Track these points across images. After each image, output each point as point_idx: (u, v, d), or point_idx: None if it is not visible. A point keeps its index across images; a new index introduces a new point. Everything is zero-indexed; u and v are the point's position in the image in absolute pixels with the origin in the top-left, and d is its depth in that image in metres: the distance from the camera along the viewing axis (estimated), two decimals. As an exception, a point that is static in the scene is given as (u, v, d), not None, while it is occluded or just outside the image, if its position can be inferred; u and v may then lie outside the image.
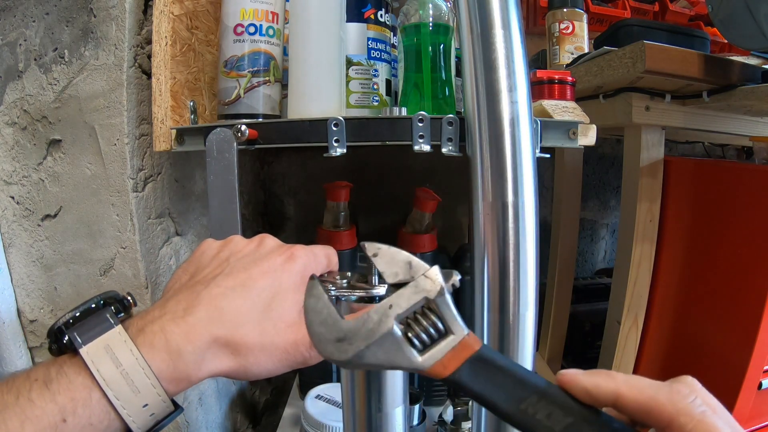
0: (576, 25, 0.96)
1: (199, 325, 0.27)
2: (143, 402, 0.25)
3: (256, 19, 0.53)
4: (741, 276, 0.70)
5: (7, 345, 0.62)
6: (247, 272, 0.30)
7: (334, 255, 0.35)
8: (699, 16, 1.22)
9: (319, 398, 0.69)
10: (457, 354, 0.24)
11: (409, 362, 0.25)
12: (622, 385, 0.22)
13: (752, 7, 0.62)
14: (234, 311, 0.28)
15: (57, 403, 0.23)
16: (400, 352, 0.25)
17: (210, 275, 0.30)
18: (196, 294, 0.29)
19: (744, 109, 0.79)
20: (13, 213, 0.62)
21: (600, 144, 0.45)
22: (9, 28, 0.59)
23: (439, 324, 0.25)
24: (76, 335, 0.26)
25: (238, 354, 0.28)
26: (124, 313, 0.29)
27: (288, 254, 0.31)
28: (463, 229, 1.09)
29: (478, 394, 0.24)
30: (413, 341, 0.25)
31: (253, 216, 1.00)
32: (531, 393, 0.23)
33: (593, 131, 0.50)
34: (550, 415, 0.22)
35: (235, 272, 0.30)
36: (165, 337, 0.26)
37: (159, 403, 0.26)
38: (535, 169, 0.41)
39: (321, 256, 0.34)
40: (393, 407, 0.38)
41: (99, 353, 0.25)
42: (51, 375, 0.24)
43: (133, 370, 0.25)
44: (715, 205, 0.77)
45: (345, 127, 0.46)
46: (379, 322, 0.25)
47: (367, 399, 0.38)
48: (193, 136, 0.53)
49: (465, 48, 0.42)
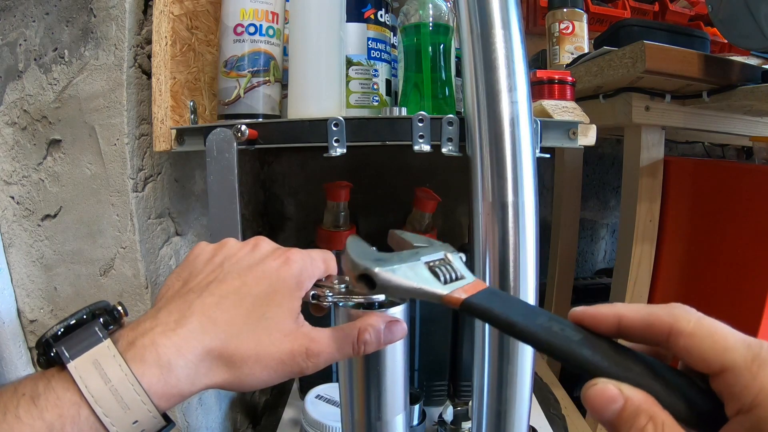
0: (576, 25, 0.96)
1: (191, 337, 0.26)
2: (133, 419, 0.24)
3: (256, 19, 0.53)
4: (741, 276, 0.70)
5: (6, 345, 0.62)
6: (240, 279, 0.29)
7: (332, 259, 0.34)
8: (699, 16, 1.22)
9: (319, 398, 0.69)
10: (472, 287, 0.27)
11: (434, 285, 0.27)
12: (622, 308, 0.23)
13: (752, 7, 0.62)
14: (227, 321, 0.27)
15: (45, 420, 0.23)
16: (426, 277, 0.28)
17: (203, 282, 0.29)
18: (188, 304, 0.28)
19: (744, 109, 0.79)
20: (13, 213, 0.62)
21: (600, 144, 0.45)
22: (9, 28, 0.59)
23: (454, 273, 0.29)
24: (64, 349, 0.25)
25: (233, 366, 0.27)
26: (114, 324, 0.28)
27: (283, 258, 0.30)
28: (463, 229, 1.09)
29: (495, 313, 0.25)
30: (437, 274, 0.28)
31: (253, 216, 1.00)
32: (542, 314, 0.25)
33: (593, 131, 0.50)
34: (563, 330, 0.23)
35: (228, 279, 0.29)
36: (156, 350, 0.25)
37: (150, 420, 0.25)
38: (535, 169, 0.41)
39: (318, 260, 0.32)
40: (393, 415, 0.37)
41: (87, 368, 0.24)
42: (39, 390, 0.24)
43: (123, 386, 0.24)
44: (715, 205, 0.77)
45: (345, 127, 0.46)
46: (411, 254, 0.29)
47: (366, 406, 0.37)
48: (193, 136, 0.53)
49: (465, 48, 0.42)
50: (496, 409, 0.43)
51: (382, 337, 0.31)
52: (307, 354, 0.29)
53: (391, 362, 0.36)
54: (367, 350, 0.31)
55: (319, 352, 0.29)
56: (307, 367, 0.29)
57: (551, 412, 0.82)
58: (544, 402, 0.85)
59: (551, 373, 1.11)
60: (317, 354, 0.29)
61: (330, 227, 0.76)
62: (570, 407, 0.96)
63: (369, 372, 0.36)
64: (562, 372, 1.17)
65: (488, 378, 0.43)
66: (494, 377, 0.43)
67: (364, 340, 0.31)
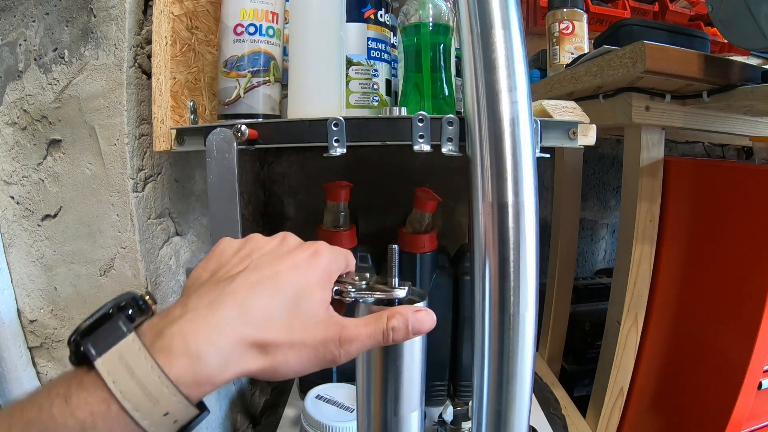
0: (576, 25, 0.96)
1: (222, 324, 0.26)
2: (163, 411, 0.24)
3: (256, 19, 0.53)
4: (741, 276, 0.70)
5: (6, 345, 0.62)
6: (272, 267, 0.29)
7: (351, 256, 0.35)
8: (699, 16, 1.22)
9: (319, 398, 0.69)
10: None
11: None
12: None
13: (752, 7, 0.62)
14: (261, 308, 0.27)
15: (77, 418, 0.23)
16: None
17: (233, 271, 0.29)
18: (220, 290, 0.27)
19: (744, 109, 0.79)
20: (13, 213, 0.62)
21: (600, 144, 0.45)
22: (9, 28, 0.59)
23: None
24: (90, 347, 0.25)
25: (267, 354, 0.27)
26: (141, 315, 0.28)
27: (313, 250, 0.31)
28: (463, 229, 1.09)
29: None
30: None
31: (253, 216, 1.00)
32: None
33: (593, 131, 0.50)
34: None
35: (260, 267, 0.29)
36: (184, 340, 0.25)
37: (181, 410, 0.25)
38: (535, 169, 0.41)
39: (342, 255, 0.33)
40: (409, 411, 0.38)
41: (114, 364, 0.24)
42: (71, 389, 0.24)
43: (149, 380, 0.24)
44: (715, 205, 0.77)
45: (345, 127, 0.46)
46: None
47: (383, 402, 0.37)
48: (193, 136, 0.53)
49: (465, 48, 0.42)
50: (496, 409, 0.43)
51: (410, 325, 0.31)
52: (341, 341, 0.29)
53: (409, 358, 0.36)
54: (395, 338, 0.31)
55: (351, 339, 0.29)
56: (340, 354, 0.29)
57: (551, 412, 0.82)
58: (544, 402, 0.85)
59: (551, 373, 1.11)
60: (350, 341, 0.29)
61: (330, 227, 0.76)
62: (570, 407, 0.96)
63: (387, 367, 0.36)
64: (562, 372, 1.17)
65: (488, 378, 0.43)
66: (494, 377, 0.43)
67: (392, 326, 0.31)
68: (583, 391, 1.10)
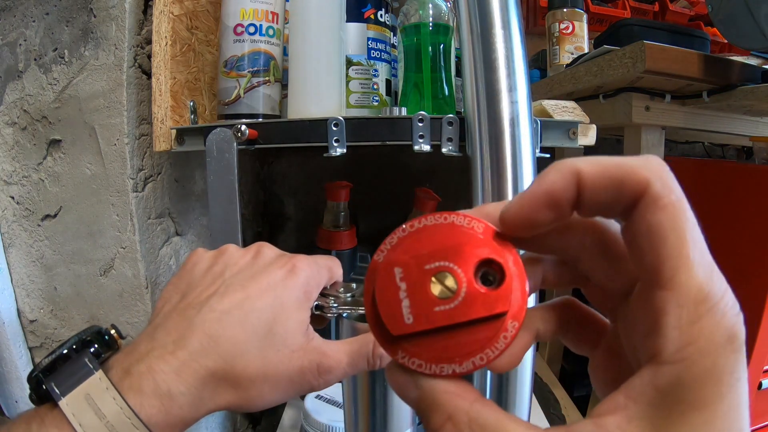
0: (576, 25, 0.97)
1: (191, 360, 0.24)
2: None
3: (256, 19, 0.53)
4: (741, 276, 0.70)
5: (6, 345, 0.62)
6: (244, 291, 0.27)
7: (337, 266, 0.32)
8: (699, 16, 1.22)
9: (319, 398, 0.69)
10: None
11: None
12: (578, 163, 0.15)
13: (752, 7, 0.62)
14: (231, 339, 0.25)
15: None
16: None
17: (203, 295, 0.27)
18: (188, 321, 0.25)
19: (744, 109, 0.79)
20: (13, 213, 0.62)
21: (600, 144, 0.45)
22: (9, 28, 0.59)
23: None
24: (54, 386, 0.23)
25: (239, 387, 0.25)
26: (108, 350, 0.26)
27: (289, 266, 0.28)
28: (463, 229, 1.08)
29: None
30: None
31: (253, 216, 1.00)
32: None
33: (593, 131, 0.50)
34: None
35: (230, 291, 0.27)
36: (153, 378, 0.23)
37: None
38: (535, 169, 0.41)
39: (324, 267, 0.30)
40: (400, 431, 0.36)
41: (80, 404, 0.22)
42: (31, 430, 0.22)
43: (119, 421, 0.22)
44: (715, 205, 0.77)
45: (345, 127, 0.46)
46: None
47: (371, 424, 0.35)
48: (193, 136, 0.53)
49: (465, 48, 0.42)
50: (496, 409, 0.43)
51: None
52: (319, 371, 0.27)
53: None
54: (383, 364, 0.29)
55: (330, 367, 0.27)
56: (318, 384, 0.27)
57: (551, 412, 0.82)
58: (544, 402, 0.85)
59: (551, 373, 1.11)
60: (329, 370, 0.27)
61: (330, 227, 0.76)
62: (570, 407, 0.96)
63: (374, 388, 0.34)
64: (562, 372, 1.17)
65: (488, 378, 0.43)
66: (494, 377, 0.43)
67: (380, 354, 0.28)
68: (583, 391, 1.10)
